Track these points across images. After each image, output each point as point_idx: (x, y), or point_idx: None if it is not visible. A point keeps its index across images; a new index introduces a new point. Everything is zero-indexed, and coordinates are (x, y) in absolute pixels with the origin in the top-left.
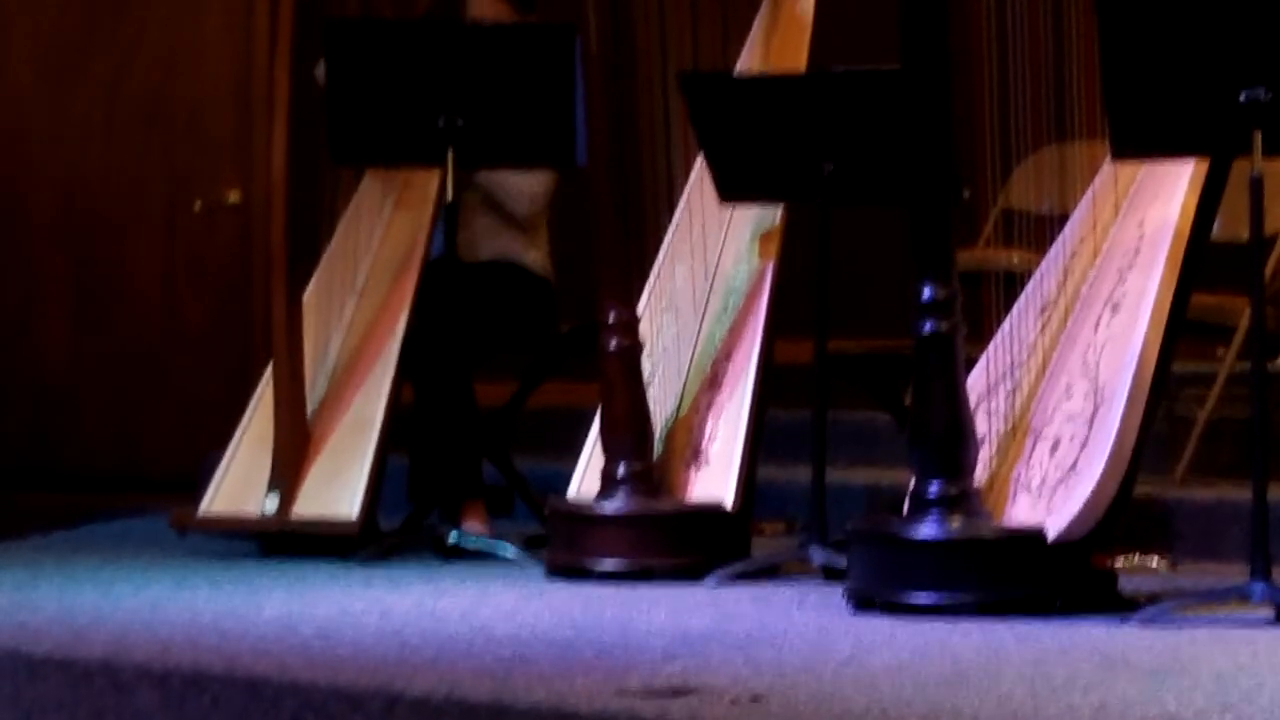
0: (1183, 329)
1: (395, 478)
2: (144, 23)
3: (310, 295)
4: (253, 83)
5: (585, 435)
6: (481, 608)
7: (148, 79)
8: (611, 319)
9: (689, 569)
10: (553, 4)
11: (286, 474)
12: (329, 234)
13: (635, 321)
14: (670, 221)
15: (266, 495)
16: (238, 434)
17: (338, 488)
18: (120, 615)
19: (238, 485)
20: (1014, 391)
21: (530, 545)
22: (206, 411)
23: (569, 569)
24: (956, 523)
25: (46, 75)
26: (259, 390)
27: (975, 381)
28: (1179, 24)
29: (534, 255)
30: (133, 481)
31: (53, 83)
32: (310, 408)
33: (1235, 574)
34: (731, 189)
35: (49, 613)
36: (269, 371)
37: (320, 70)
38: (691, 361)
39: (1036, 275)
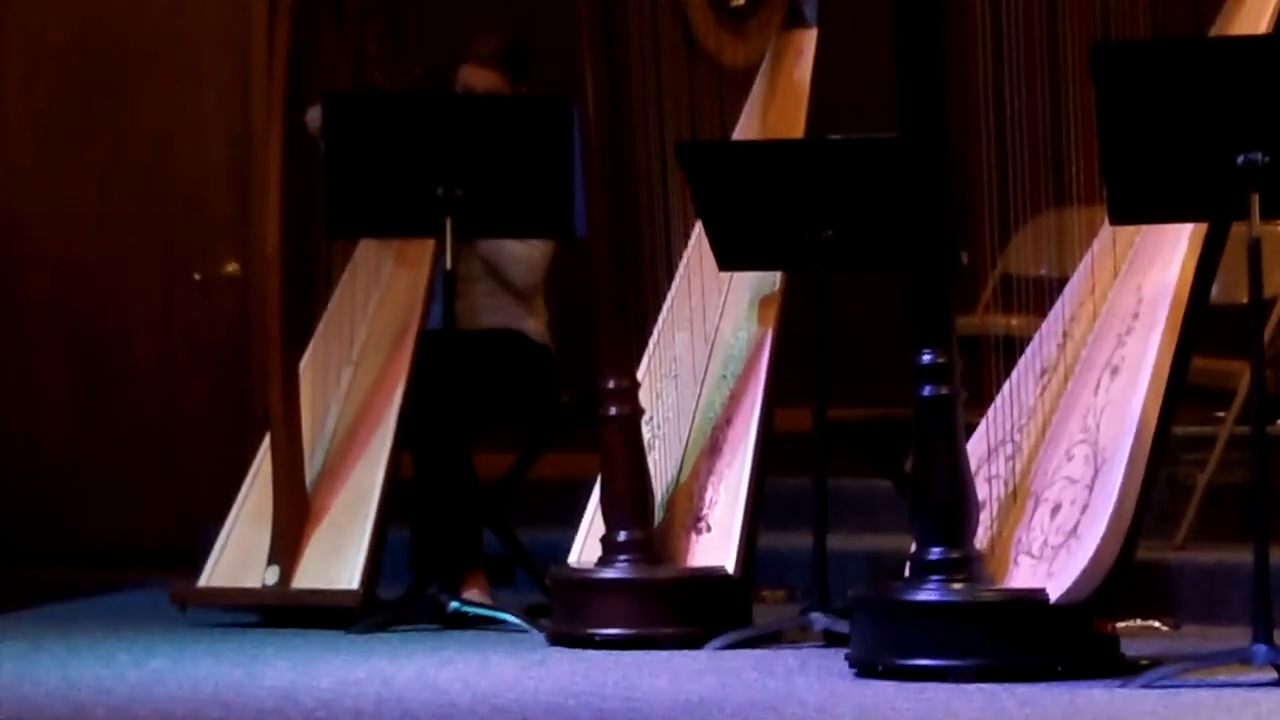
0: (1182, 392)
1: (396, 548)
2: (139, 99)
3: (307, 364)
4: (250, 156)
5: (585, 505)
6: (483, 677)
7: (144, 154)
8: (611, 386)
9: (690, 636)
10: (550, 72)
11: (286, 546)
12: (326, 300)
13: (635, 389)
14: (669, 288)
15: (266, 568)
16: (236, 507)
17: (338, 559)
18: (121, 688)
19: (237, 558)
20: (1014, 456)
21: (532, 614)
22: (205, 484)
23: (570, 637)
24: (958, 588)
25: (42, 154)
26: (257, 462)
27: (975, 446)
28: (1176, 89)
29: (533, 324)
30: (132, 556)
31: (48, 161)
32: (309, 479)
33: (1237, 637)
34: (730, 257)
35: (50, 685)
36: (267, 443)
37: (312, 114)
38: (691, 428)
39: (1036, 339)
